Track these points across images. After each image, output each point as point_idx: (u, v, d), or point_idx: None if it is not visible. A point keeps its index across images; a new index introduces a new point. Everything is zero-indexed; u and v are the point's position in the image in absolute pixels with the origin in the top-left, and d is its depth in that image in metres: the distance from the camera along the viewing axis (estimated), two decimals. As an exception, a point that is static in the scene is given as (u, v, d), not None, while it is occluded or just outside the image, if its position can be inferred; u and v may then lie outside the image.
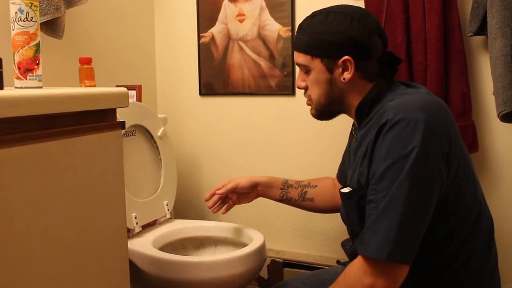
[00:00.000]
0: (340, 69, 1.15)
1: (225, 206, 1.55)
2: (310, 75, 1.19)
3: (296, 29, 1.95)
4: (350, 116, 1.23)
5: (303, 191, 1.50)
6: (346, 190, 1.15)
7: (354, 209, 1.12)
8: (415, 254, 1.00)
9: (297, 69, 1.97)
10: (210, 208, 1.55)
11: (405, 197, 0.98)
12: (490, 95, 1.70)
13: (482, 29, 1.58)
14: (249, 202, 1.56)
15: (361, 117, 1.18)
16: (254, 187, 1.52)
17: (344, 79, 1.15)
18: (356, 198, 1.11)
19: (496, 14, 1.44)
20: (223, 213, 1.54)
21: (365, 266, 1.01)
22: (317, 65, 1.17)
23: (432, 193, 1.01)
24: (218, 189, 1.52)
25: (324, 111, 1.23)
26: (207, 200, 1.56)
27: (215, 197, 1.54)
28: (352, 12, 1.15)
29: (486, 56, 1.69)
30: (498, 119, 1.48)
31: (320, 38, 1.15)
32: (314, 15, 1.19)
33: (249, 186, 1.51)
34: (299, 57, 1.21)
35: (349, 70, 1.14)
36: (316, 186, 1.51)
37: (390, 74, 1.21)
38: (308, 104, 1.26)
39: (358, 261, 1.04)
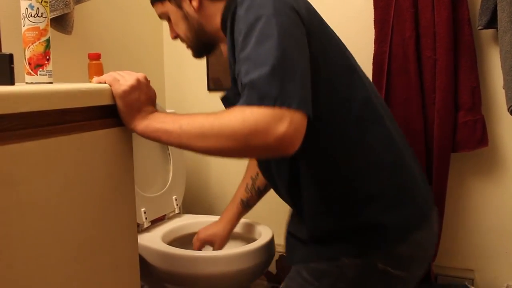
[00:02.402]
0: (187, 1, 1.14)
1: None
2: (172, 20, 1.19)
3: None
4: (224, 41, 1.19)
5: (256, 189, 1.55)
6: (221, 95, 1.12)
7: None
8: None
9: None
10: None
11: (275, 29, 0.89)
12: (500, 89, 1.68)
13: (492, 23, 1.57)
14: None
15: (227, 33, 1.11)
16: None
17: (194, 8, 1.14)
18: (233, 94, 1.08)
19: (507, 7, 1.43)
20: None
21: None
22: (169, 7, 1.18)
23: (300, 30, 0.94)
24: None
25: (197, 46, 1.22)
26: None
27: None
28: None
29: (496, 49, 1.67)
30: (508, 113, 1.47)
31: None
32: None
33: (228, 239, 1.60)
34: (156, 9, 1.22)
35: None
36: (257, 174, 1.53)
37: None
38: (188, 48, 1.25)
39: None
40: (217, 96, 2.19)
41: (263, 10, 0.92)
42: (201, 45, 1.22)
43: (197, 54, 1.26)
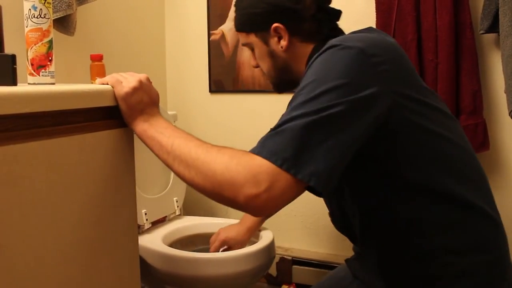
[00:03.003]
0: (276, 38, 1.11)
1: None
2: (255, 52, 1.17)
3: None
4: None
5: None
6: None
7: None
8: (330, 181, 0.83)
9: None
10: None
11: (323, 117, 0.82)
12: (501, 93, 1.69)
13: (493, 27, 1.58)
14: None
15: None
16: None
17: (282, 47, 1.11)
18: None
19: (508, 11, 1.43)
20: None
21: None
22: (254, 40, 1.14)
23: (359, 122, 0.85)
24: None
25: (278, 83, 1.19)
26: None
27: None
28: None
29: (497, 54, 1.68)
30: (509, 117, 1.47)
31: (247, 12, 1.13)
32: None
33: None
34: (240, 37, 1.19)
35: (284, 37, 1.10)
36: None
37: (331, 30, 1.12)
38: (268, 80, 1.22)
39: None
40: (218, 97, 2.19)
41: (332, 75, 0.85)
42: (284, 83, 1.19)
43: (279, 90, 1.22)
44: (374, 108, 0.86)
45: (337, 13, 1.13)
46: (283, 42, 1.10)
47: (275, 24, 1.09)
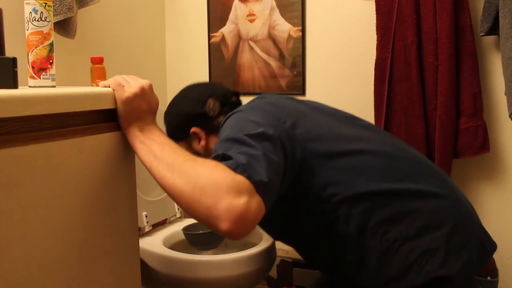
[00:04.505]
0: (196, 140, 1.28)
1: None
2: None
3: (306, 29, 1.96)
4: None
5: None
6: None
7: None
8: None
9: (308, 69, 1.98)
10: None
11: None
12: (501, 95, 1.69)
13: (494, 29, 1.58)
14: None
15: None
16: None
17: (202, 147, 1.26)
18: None
19: (508, 14, 1.44)
20: None
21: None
22: (183, 145, 1.27)
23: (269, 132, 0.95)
24: None
25: None
26: None
27: None
28: (181, 93, 1.37)
29: (497, 56, 1.68)
30: (509, 119, 1.47)
31: (171, 126, 1.33)
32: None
33: None
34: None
35: (202, 137, 1.27)
36: None
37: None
38: None
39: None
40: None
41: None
42: None
43: None
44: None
45: (237, 102, 1.32)
46: (202, 142, 1.27)
47: (192, 129, 1.27)
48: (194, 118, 1.28)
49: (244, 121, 0.99)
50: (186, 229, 1.66)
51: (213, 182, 0.80)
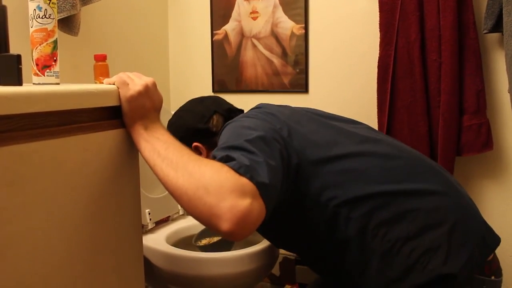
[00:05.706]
0: (198, 154, 1.21)
1: None
2: None
3: (309, 27, 1.96)
4: None
5: None
6: None
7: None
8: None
9: (310, 66, 1.98)
10: None
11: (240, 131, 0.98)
12: (505, 93, 1.68)
13: (497, 26, 1.57)
14: None
15: None
16: None
17: None
18: None
19: (512, 11, 1.43)
20: None
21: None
22: None
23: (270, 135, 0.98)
24: None
25: None
26: None
27: None
28: (188, 106, 1.38)
29: (501, 53, 1.67)
30: (513, 117, 1.47)
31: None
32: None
33: None
34: None
35: (203, 152, 1.29)
36: None
37: None
38: None
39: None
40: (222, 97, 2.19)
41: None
42: None
43: None
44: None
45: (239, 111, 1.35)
46: (203, 157, 1.21)
47: (194, 144, 1.29)
48: (197, 133, 1.30)
49: (241, 128, 1.01)
50: (196, 240, 1.67)
51: (217, 182, 0.80)
